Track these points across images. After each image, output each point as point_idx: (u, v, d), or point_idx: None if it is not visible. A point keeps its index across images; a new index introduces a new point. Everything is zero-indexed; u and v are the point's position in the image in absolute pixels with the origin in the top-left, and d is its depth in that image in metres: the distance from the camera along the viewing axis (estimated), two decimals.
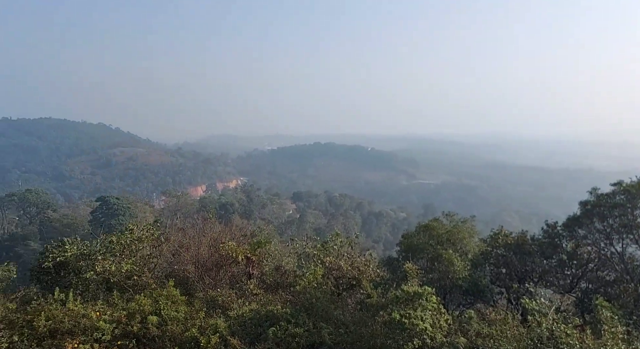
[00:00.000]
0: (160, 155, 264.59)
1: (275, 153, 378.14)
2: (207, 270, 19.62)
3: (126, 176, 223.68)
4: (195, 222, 29.93)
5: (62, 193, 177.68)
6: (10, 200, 76.22)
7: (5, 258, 50.36)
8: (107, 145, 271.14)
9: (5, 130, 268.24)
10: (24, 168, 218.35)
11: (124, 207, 67.18)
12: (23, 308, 14.55)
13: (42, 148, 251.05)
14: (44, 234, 63.24)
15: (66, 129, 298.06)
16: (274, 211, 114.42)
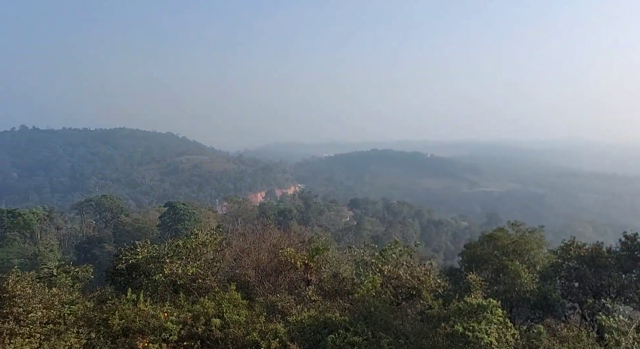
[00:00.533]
0: (222, 162, 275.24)
1: (332, 160, 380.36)
2: (267, 275, 20.03)
3: (191, 183, 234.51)
4: (255, 228, 30.74)
5: (134, 198, 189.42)
6: (89, 205, 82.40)
7: (84, 260, 54.52)
8: (175, 153, 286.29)
9: (85, 140, 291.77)
10: (101, 175, 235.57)
11: (189, 212, 70.29)
12: (99, 307, 15.64)
13: (117, 157, 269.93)
14: (118, 237, 67.59)
15: (138, 138, 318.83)
16: (331, 218, 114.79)
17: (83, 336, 13.39)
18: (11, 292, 14.45)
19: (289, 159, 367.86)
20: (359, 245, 26.12)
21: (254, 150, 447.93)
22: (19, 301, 14.24)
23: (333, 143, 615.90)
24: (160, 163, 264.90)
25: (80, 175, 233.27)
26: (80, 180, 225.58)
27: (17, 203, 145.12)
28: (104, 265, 46.28)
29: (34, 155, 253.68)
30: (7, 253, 54.17)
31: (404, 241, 36.64)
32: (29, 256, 53.15)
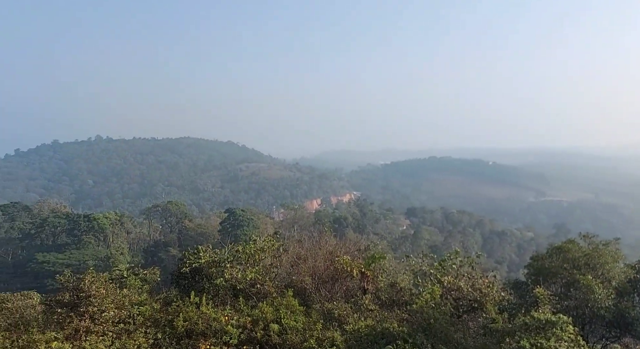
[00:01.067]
0: (279, 170, 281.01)
1: (389, 168, 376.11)
2: (323, 282, 20.06)
3: (250, 190, 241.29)
4: (311, 235, 30.96)
5: (197, 204, 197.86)
6: (156, 210, 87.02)
7: (151, 263, 57.50)
8: (235, 161, 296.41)
9: (153, 149, 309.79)
10: (167, 182, 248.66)
11: (248, 219, 72.28)
12: (165, 309, 16.40)
13: (181, 165, 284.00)
14: (182, 241, 70.75)
15: (201, 147, 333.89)
16: (387, 226, 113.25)
17: (150, 336, 14.08)
18: (87, 292, 15.51)
19: (344, 167, 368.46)
20: (417, 255, 25.51)
21: (310, 158, 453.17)
22: (94, 300, 15.25)
23: (389, 151, 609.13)
24: (221, 171, 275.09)
25: (149, 182, 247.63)
26: (148, 187, 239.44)
27: (92, 208, 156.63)
28: (169, 268, 48.61)
29: (107, 163, 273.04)
30: (83, 254, 58.47)
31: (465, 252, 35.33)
32: (102, 258, 57.00)
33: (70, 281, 16.28)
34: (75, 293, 15.69)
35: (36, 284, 46.26)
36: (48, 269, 53.29)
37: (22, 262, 60.03)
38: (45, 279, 49.01)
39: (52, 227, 65.62)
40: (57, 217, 67.70)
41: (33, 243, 65.41)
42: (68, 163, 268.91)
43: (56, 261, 55.49)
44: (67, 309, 15.23)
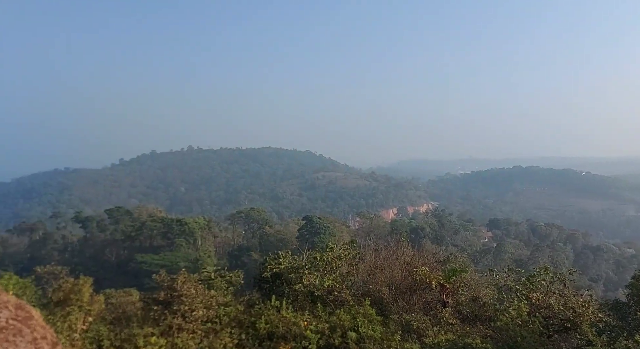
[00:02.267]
0: (355, 178, 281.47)
1: (469, 178, 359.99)
2: (401, 293, 19.80)
3: (327, 198, 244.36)
4: (387, 244, 30.67)
5: (277, 211, 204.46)
6: (239, 216, 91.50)
7: (235, 266, 60.41)
8: (312, 169, 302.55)
9: (238, 158, 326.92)
10: (250, 190, 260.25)
11: (324, 226, 73.34)
12: (248, 311, 17.22)
13: (263, 173, 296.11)
14: (263, 246, 73.51)
15: (281, 156, 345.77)
16: (467, 238, 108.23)
17: (235, 336, 14.87)
18: (179, 291, 16.81)
19: (422, 176, 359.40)
20: (501, 269, 24.19)
21: (386, 167, 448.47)
22: (185, 300, 16.47)
23: (469, 160, 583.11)
24: (299, 179, 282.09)
25: (233, 189, 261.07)
26: (233, 194, 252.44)
27: (184, 213, 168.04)
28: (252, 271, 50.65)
29: (197, 172, 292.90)
30: (175, 256, 63.05)
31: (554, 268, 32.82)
32: (192, 260, 60.99)
33: (165, 281, 17.75)
34: (169, 292, 17.07)
35: (136, 282, 50.71)
36: (146, 269, 58.23)
37: (124, 261, 66.26)
38: (144, 278, 53.54)
39: (149, 230, 71.60)
40: (154, 221, 73.78)
41: (133, 244, 71.76)
42: (164, 171, 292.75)
43: (152, 261, 60.49)
44: (162, 306, 16.59)
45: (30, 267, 51.29)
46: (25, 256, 73.37)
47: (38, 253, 72.45)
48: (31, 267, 47.89)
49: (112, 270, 63.91)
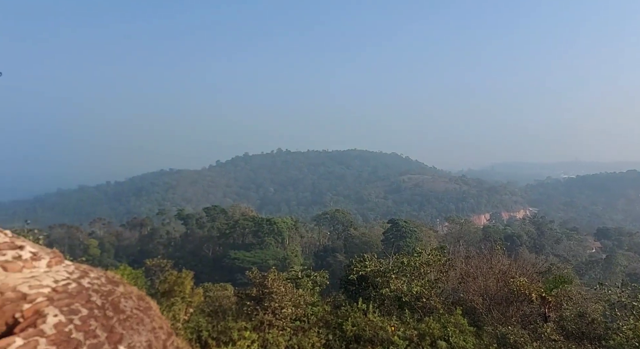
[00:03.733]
0: (444, 182, 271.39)
1: (573, 182, 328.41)
2: (496, 304, 18.66)
3: (413, 201, 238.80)
4: (480, 251, 29.12)
5: (361, 213, 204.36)
6: (325, 217, 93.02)
7: (320, 266, 61.46)
8: (398, 172, 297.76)
9: (324, 160, 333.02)
10: (335, 192, 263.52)
11: (410, 230, 71.71)
12: (335, 312, 17.40)
13: (348, 175, 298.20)
14: (347, 248, 73.86)
15: (366, 159, 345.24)
16: (571, 248, 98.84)
17: (322, 336, 15.09)
18: (270, 289, 17.50)
19: (518, 180, 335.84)
20: (613, 283, 21.74)
21: (477, 170, 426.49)
22: (275, 297, 17.09)
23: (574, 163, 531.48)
24: (384, 182, 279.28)
25: (319, 191, 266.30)
26: (319, 195, 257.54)
27: (273, 213, 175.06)
28: (336, 272, 51.23)
29: (285, 173, 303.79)
30: (265, 254, 65.86)
31: None
32: (280, 258, 63.25)
33: (257, 278, 18.59)
34: (260, 289, 17.85)
35: (230, 277, 53.83)
36: (238, 265, 61.64)
37: (219, 257, 70.71)
38: (236, 273, 56.68)
39: (242, 228, 75.61)
40: (246, 220, 77.80)
41: (227, 241, 76.27)
42: (255, 172, 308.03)
43: (244, 258, 63.84)
44: (254, 302, 17.39)
45: (140, 259, 56.85)
46: (136, 249, 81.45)
47: (146, 247, 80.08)
48: (141, 259, 53.06)
49: (208, 265, 68.43)
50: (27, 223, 32.42)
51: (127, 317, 2.88)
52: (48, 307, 2.59)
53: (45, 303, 2.61)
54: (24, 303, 2.59)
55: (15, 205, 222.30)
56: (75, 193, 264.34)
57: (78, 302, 2.75)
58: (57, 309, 2.60)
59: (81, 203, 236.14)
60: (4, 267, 2.87)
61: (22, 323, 2.50)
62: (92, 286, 3.04)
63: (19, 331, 2.45)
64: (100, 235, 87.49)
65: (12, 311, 2.53)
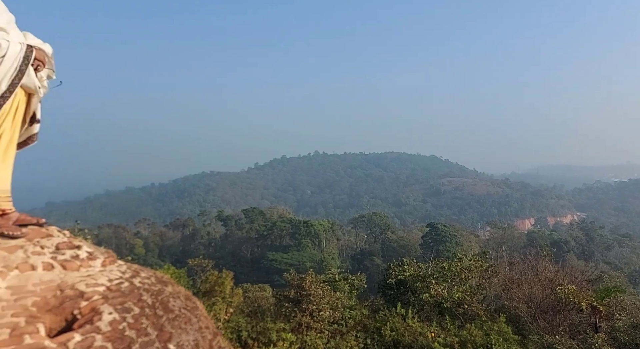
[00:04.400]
0: (486, 185, 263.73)
1: (625, 186, 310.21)
2: (542, 312, 17.94)
3: (453, 205, 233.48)
4: (524, 258, 28.11)
5: (399, 217, 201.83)
6: (362, 220, 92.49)
7: (357, 269, 61.09)
8: (437, 175, 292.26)
9: (361, 163, 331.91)
10: (372, 194, 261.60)
11: (450, 234, 70.15)
12: (373, 316, 17.25)
13: (385, 178, 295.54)
14: (385, 252, 73.14)
15: (404, 161, 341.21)
16: (623, 255, 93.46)
17: (360, 340, 15.00)
18: (308, 291, 17.58)
19: (565, 184, 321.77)
20: None
21: (521, 173, 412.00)
22: (313, 299, 17.15)
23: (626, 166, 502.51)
24: (423, 185, 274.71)
25: (356, 194, 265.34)
26: (355, 198, 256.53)
27: (310, 215, 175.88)
28: (374, 276, 50.87)
29: (322, 176, 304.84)
30: (302, 256, 66.25)
31: None
32: (317, 260, 63.45)
33: (295, 280, 18.73)
34: (298, 291, 17.97)
35: (267, 278, 54.53)
36: (275, 266, 62.30)
37: (257, 258, 71.75)
38: (274, 274, 57.32)
39: (279, 230, 76.41)
40: (283, 222, 78.58)
41: (265, 242, 77.30)
42: (292, 175, 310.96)
43: (282, 260, 64.48)
44: (292, 304, 17.52)
45: (182, 259, 58.55)
46: (179, 248, 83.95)
47: (188, 247, 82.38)
48: (183, 259, 54.62)
49: (247, 265, 69.58)
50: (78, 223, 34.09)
51: (175, 316, 2.97)
52: (103, 305, 2.70)
53: (101, 301, 2.73)
54: (81, 300, 2.72)
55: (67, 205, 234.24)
56: (122, 194, 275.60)
57: (130, 301, 2.86)
58: (112, 307, 2.71)
59: (127, 204, 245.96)
60: (64, 266, 3.03)
61: (80, 320, 2.62)
62: (143, 285, 3.15)
63: (77, 327, 2.57)
64: (145, 234, 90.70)
65: (71, 308, 2.66)
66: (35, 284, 2.76)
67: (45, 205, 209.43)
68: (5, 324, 2.44)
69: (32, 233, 3.30)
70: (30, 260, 2.96)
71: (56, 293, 2.74)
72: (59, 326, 2.65)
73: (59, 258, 3.09)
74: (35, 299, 2.66)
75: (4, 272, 2.77)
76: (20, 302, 2.61)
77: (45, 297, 2.70)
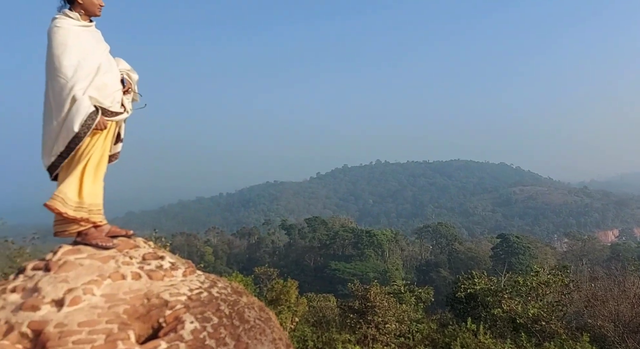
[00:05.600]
0: (562, 194, 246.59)
1: None
2: (631, 332, 16.32)
3: (525, 215, 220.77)
4: (609, 272, 25.97)
5: (466, 227, 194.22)
6: (426, 230, 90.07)
7: (422, 281, 59.53)
8: (508, 183, 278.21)
9: (424, 171, 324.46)
10: (437, 204, 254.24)
11: (523, 246, 66.41)
12: (441, 330, 16.65)
13: (451, 187, 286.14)
14: (452, 263, 70.60)
15: (471, 169, 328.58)
16: None
17: None
18: (372, 302, 17.36)
19: None
20: None
21: (602, 181, 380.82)
22: (378, 311, 16.90)
23: None
24: (492, 194, 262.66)
25: (420, 203, 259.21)
26: (419, 208, 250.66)
27: (372, 224, 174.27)
28: (440, 288, 49.20)
29: (384, 185, 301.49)
30: (365, 266, 65.67)
31: None
32: (380, 271, 62.62)
33: (359, 291, 18.59)
34: (363, 302, 17.81)
35: (331, 288, 54.59)
36: (339, 276, 62.26)
37: (320, 267, 72.20)
38: (337, 284, 57.30)
39: (342, 239, 76.45)
40: (346, 231, 78.54)
41: (327, 251, 77.61)
42: (354, 184, 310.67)
43: (344, 269, 64.32)
44: (357, 315, 17.38)
45: (248, 266, 60.36)
46: (245, 256, 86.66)
47: (254, 255, 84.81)
48: (249, 266, 56.29)
49: (310, 274, 70.18)
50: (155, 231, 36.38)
51: (251, 327, 3.06)
52: (185, 314, 2.85)
53: (183, 310, 2.87)
54: (165, 309, 2.88)
55: (144, 214, 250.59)
56: (194, 203, 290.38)
57: (209, 310, 2.99)
58: (193, 316, 2.85)
59: (198, 213, 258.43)
60: (150, 275, 3.23)
61: (165, 328, 2.78)
62: (220, 295, 3.28)
63: (163, 335, 2.73)
64: (214, 242, 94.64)
65: (157, 316, 2.83)
66: (125, 292, 2.98)
67: (125, 215, 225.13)
68: (101, 330, 2.65)
69: (122, 244, 3.58)
70: (120, 269, 3.20)
71: (144, 302, 2.94)
72: (146, 333, 2.83)
73: (145, 268, 3.31)
74: (126, 307, 2.86)
75: (99, 281, 3.02)
76: (113, 309, 2.82)
77: (134, 305, 2.90)
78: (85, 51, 3.65)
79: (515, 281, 19.98)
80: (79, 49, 3.62)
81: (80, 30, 3.72)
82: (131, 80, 4.02)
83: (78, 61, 3.57)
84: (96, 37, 3.86)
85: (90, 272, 3.08)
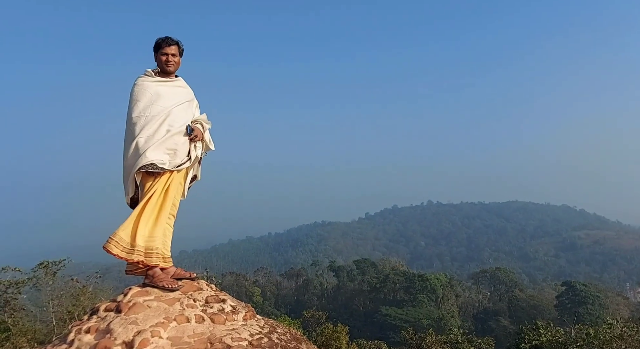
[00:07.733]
0: (634, 239, 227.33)
1: None
2: None
3: (592, 261, 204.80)
4: None
5: (527, 273, 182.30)
6: (484, 275, 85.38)
7: (480, 331, 55.98)
8: (571, 227, 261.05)
9: (479, 213, 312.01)
10: (494, 247, 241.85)
11: (592, 295, 61.33)
12: None
13: (509, 229, 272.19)
14: (512, 312, 66.06)
15: (530, 211, 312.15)
16: None
17: None
18: None
19: None
20: None
21: None
22: None
23: None
24: (554, 238, 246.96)
25: (475, 246, 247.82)
26: (475, 251, 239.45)
27: (424, 268, 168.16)
28: (501, 339, 45.96)
29: (437, 226, 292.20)
30: (418, 312, 62.84)
31: None
32: (434, 318, 59.57)
33: (414, 339, 17.80)
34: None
35: (381, 334, 52.52)
36: (390, 322, 59.88)
37: (369, 312, 69.88)
38: (388, 331, 55.07)
39: (392, 283, 74.04)
40: (396, 274, 76.15)
41: (378, 295, 75.24)
42: (404, 225, 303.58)
43: (396, 315, 61.81)
44: None
45: (296, 309, 59.61)
46: (293, 298, 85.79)
47: (302, 297, 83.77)
48: (297, 309, 55.59)
49: (359, 319, 68.01)
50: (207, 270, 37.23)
51: None
52: None
53: None
54: None
55: (196, 254, 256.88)
56: (243, 243, 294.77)
57: None
58: None
59: (247, 253, 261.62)
60: (212, 319, 3.29)
61: None
62: (280, 341, 3.27)
63: None
64: (262, 283, 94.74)
65: None
66: (190, 336, 3.05)
67: (179, 254, 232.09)
68: None
69: (186, 287, 3.70)
70: (185, 312, 3.29)
71: (207, 346, 2.98)
72: None
73: (208, 311, 3.38)
74: None
75: (165, 323, 3.11)
76: None
77: None
78: (152, 104, 4.01)
79: (587, 334, 18.37)
80: (146, 103, 3.99)
81: (154, 85, 4.10)
82: (202, 130, 4.28)
83: (143, 113, 3.93)
84: (173, 91, 4.21)
85: (158, 314, 3.18)
